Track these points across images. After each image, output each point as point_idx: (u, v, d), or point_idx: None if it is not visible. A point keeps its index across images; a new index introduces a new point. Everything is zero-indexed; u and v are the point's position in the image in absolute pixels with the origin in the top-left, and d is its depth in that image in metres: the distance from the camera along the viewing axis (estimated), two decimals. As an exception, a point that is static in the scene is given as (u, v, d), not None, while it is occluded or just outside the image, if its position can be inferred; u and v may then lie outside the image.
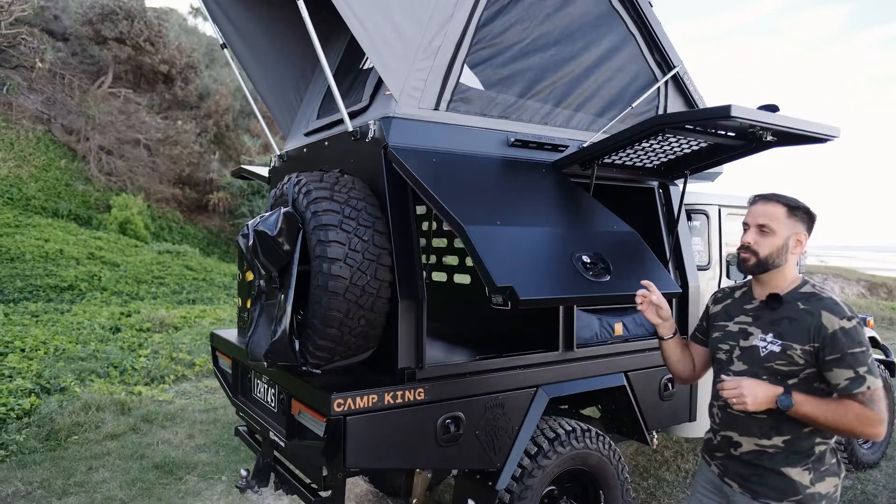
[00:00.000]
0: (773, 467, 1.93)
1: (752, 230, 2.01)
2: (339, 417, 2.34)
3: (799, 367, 1.89)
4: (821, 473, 1.92)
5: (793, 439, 1.91)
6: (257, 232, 2.55)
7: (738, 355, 2.02)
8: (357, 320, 2.48)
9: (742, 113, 2.32)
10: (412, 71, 2.77)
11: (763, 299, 2.03)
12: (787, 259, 1.99)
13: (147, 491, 4.21)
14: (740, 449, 1.99)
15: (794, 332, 1.91)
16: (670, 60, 3.63)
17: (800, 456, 1.92)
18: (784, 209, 1.98)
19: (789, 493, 1.91)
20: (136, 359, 7.47)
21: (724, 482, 2.07)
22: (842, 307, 1.89)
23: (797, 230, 1.99)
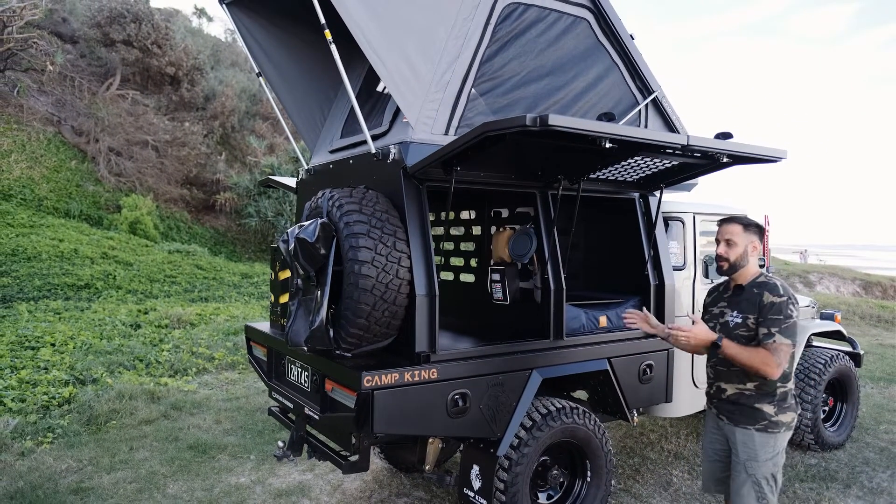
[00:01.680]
0: (749, 404, 2.81)
1: (722, 244, 2.92)
2: (368, 392, 2.85)
3: (753, 331, 2.78)
4: (783, 408, 2.79)
5: (760, 384, 2.79)
6: (298, 239, 3.06)
7: (719, 328, 2.90)
8: (381, 312, 2.99)
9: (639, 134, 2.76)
10: (426, 102, 3.28)
11: (733, 289, 2.94)
12: (748, 261, 2.89)
13: (185, 467, 4.72)
14: (727, 393, 2.89)
15: (748, 308, 2.81)
16: (650, 86, 4.13)
17: (767, 396, 2.78)
18: (741, 227, 2.89)
19: (760, 420, 2.78)
20: (159, 353, 7.97)
21: (719, 418, 2.95)
22: (779, 289, 2.76)
23: (752, 240, 2.89)
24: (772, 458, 2.77)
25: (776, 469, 2.79)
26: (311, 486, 4.42)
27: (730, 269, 2.90)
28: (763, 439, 2.77)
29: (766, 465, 2.77)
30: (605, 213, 4.39)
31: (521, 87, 3.62)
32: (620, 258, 4.26)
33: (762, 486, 2.77)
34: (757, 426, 2.78)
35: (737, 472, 2.84)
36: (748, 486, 2.78)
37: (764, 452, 2.77)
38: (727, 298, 2.96)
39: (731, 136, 3.13)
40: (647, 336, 4.00)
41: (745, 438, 2.80)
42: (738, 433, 2.83)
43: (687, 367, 4.38)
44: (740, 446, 2.82)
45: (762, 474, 2.77)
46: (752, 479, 2.78)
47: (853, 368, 5.34)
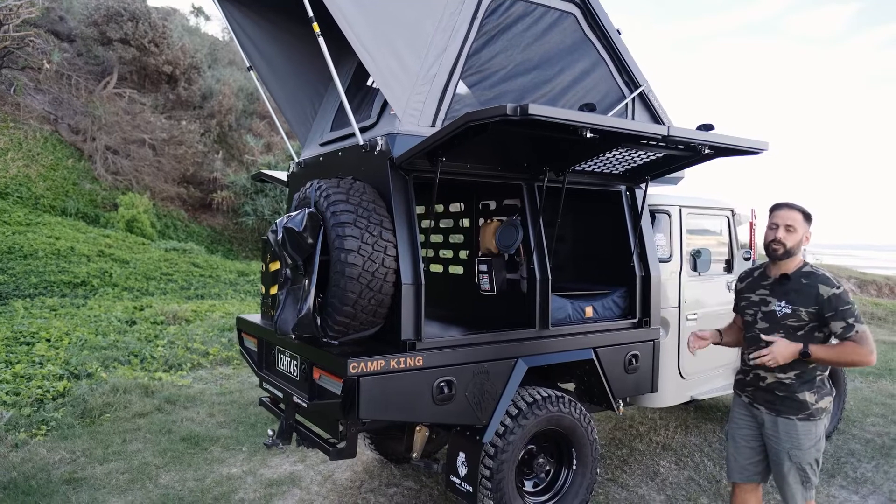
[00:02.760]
0: (789, 393, 2.83)
1: (781, 229, 2.86)
2: (354, 378, 2.90)
3: (804, 322, 2.80)
4: (821, 395, 2.83)
5: (802, 373, 2.82)
6: (286, 228, 3.11)
7: (761, 317, 2.93)
8: (368, 300, 3.04)
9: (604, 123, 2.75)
10: (413, 94, 3.32)
11: (776, 277, 2.93)
12: (800, 250, 2.90)
13: (177, 459, 4.76)
14: (766, 381, 2.90)
15: (799, 298, 2.81)
16: (636, 80, 4.18)
17: (808, 384, 2.81)
18: (801, 215, 2.88)
19: (802, 409, 2.81)
20: (154, 348, 8.01)
21: (754, 407, 2.98)
22: (831, 280, 2.80)
23: (808, 231, 2.91)
24: (815, 444, 2.82)
25: (819, 454, 2.85)
26: (302, 476, 4.46)
27: (784, 255, 2.86)
28: (806, 428, 2.81)
29: (810, 451, 2.82)
30: (592, 206, 4.45)
31: (508, 80, 3.66)
32: (607, 250, 4.31)
33: (807, 471, 2.83)
34: (800, 416, 2.81)
35: (780, 460, 2.87)
36: (794, 473, 2.83)
37: (807, 440, 2.81)
38: (769, 286, 2.95)
39: (713, 128, 3.18)
40: (634, 326, 4.06)
41: (789, 428, 2.83)
42: (781, 423, 2.85)
43: (673, 358, 4.44)
44: (783, 435, 2.85)
45: (807, 461, 2.82)
46: (796, 465, 2.82)
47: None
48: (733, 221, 4.99)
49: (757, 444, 3.00)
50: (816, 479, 2.87)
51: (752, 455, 3.02)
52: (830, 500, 4.15)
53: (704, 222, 4.90)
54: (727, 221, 4.97)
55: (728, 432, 3.15)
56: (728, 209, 4.94)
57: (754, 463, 3.02)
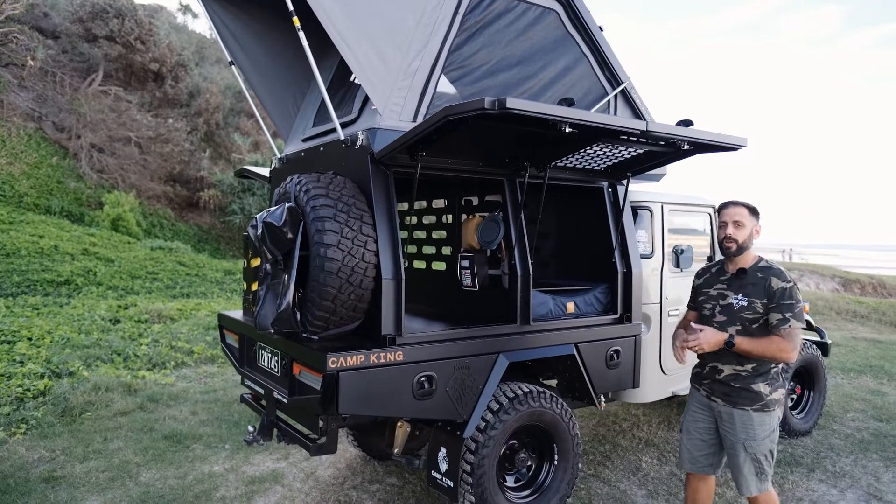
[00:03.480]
0: (745, 385, 2.91)
1: (730, 226, 2.97)
2: (333, 373, 2.89)
3: (759, 314, 2.88)
4: (775, 387, 2.92)
5: (757, 365, 2.90)
6: (266, 223, 3.09)
7: (719, 310, 3.01)
8: (348, 295, 3.03)
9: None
10: (394, 89, 3.32)
11: (734, 272, 3.02)
12: (751, 244, 2.99)
13: (159, 457, 4.73)
14: (723, 374, 2.98)
15: (755, 292, 2.90)
16: (618, 77, 4.20)
17: (762, 376, 2.90)
18: (747, 210, 2.98)
19: (757, 400, 2.90)
20: (138, 347, 7.95)
21: (711, 400, 3.04)
22: (784, 274, 2.88)
23: (756, 224, 3.00)
24: (769, 435, 2.91)
25: (773, 445, 2.92)
26: (285, 473, 4.44)
27: (737, 251, 2.97)
28: (760, 418, 2.89)
29: (765, 442, 2.90)
30: (574, 202, 4.46)
31: (489, 76, 3.67)
32: (589, 246, 4.33)
33: (761, 462, 2.91)
34: (754, 407, 2.89)
35: (736, 451, 2.95)
36: (749, 463, 2.91)
37: (762, 430, 2.89)
38: (726, 281, 3.04)
39: (692, 124, 3.20)
40: (616, 322, 4.08)
41: (744, 419, 2.91)
42: (737, 414, 2.93)
43: (654, 354, 4.46)
44: (738, 426, 2.92)
45: (761, 451, 2.90)
46: (751, 456, 2.90)
47: (820, 357, 5.45)
48: (715, 218, 5.02)
49: (710, 437, 3.08)
50: (771, 471, 2.95)
51: (704, 447, 3.11)
52: (810, 493, 4.19)
53: (686, 219, 4.93)
54: (709, 218, 5.00)
55: (683, 424, 3.24)
56: (710, 206, 4.97)
57: (707, 455, 3.11)
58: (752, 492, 2.95)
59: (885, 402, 6.39)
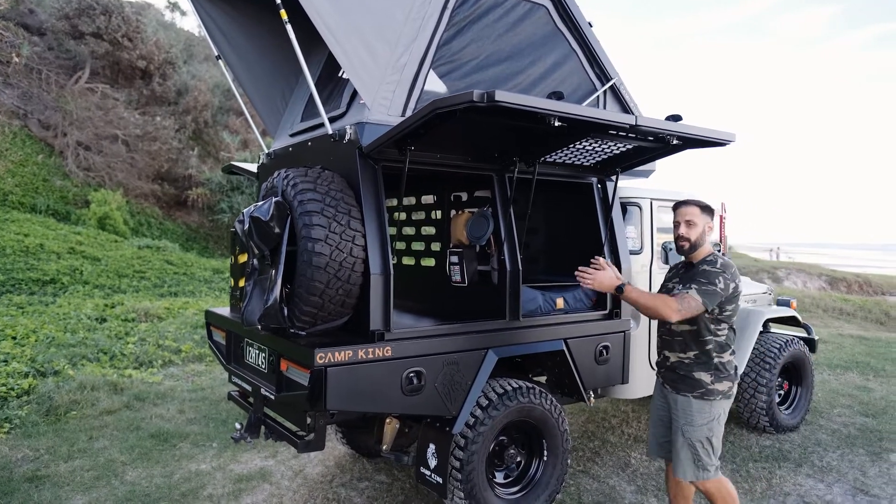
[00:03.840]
0: (688, 372, 3.04)
1: (682, 225, 3.08)
2: (321, 368, 2.86)
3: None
4: (719, 378, 3.01)
5: (699, 354, 3.02)
6: (252, 218, 3.06)
7: None
8: (336, 290, 3.01)
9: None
10: (382, 84, 3.30)
11: (685, 266, 3.18)
12: (705, 240, 3.10)
13: (145, 455, 4.68)
14: (670, 361, 3.13)
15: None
16: (608, 73, 4.20)
17: (704, 365, 3.01)
18: (698, 208, 3.08)
19: (697, 388, 3.01)
20: (125, 345, 7.86)
21: (664, 386, 3.19)
22: (717, 263, 2.99)
23: (707, 220, 3.10)
24: (707, 423, 2.99)
25: (711, 434, 3.00)
26: (273, 471, 4.41)
27: (690, 249, 3.09)
28: (699, 405, 3.00)
29: (702, 429, 2.99)
30: (563, 198, 4.46)
31: (479, 70, 3.65)
32: (579, 242, 4.32)
33: (697, 449, 3.00)
34: (694, 393, 3.02)
35: (676, 437, 3.08)
36: (686, 449, 3.03)
37: (700, 418, 3.00)
38: (680, 274, 3.19)
39: (681, 119, 3.20)
40: (605, 318, 4.08)
41: (684, 405, 3.04)
42: (679, 400, 3.07)
43: (644, 349, 4.47)
44: (679, 412, 3.06)
45: (697, 438, 3.00)
46: (688, 442, 3.02)
47: (808, 353, 5.49)
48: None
49: (669, 423, 3.20)
50: (711, 461, 3.01)
51: (667, 434, 3.22)
52: (797, 488, 4.22)
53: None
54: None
55: (651, 411, 3.37)
56: (698, 203, 4.98)
57: (669, 441, 3.20)
58: (688, 477, 3.04)
59: (871, 397, 6.44)
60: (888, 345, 9.76)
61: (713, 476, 3.03)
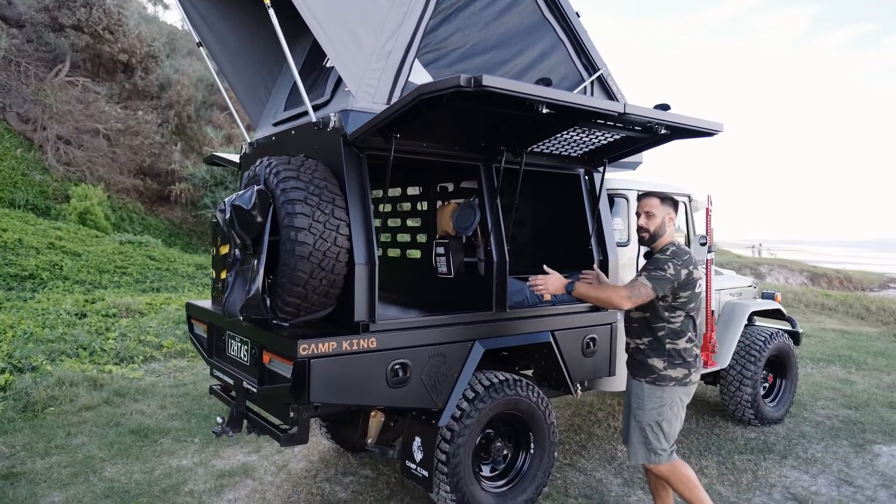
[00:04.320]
0: (642, 358, 3.12)
1: (642, 216, 3.17)
2: (304, 360, 2.80)
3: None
4: (673, 364, 3.05)
5: (652, 340, 3.09)
6: (234, 206, 2.99)
7: None
8: (319, 280, 2.95)
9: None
10: (367, 71, 3.24)
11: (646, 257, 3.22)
12: (665, 231, 3.14)
13: (125, 451, 4.59)
14: (630, 347, 3.21)
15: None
16: (595, 63, 4.17)
17: (657, 351, 3.08)
18: (658, 200, 3.16)
19: (649, 373, 3.09)
20: (105, 341, 7.73)
21: (630, 374, 3.24)
22: (668, 250, 3.05)
23: (668, 212, 3.16)
24: (657, 407, 3.06)
25: (661, 419, 3.06)
26: (256, 466, 4.34)
27: (650, 239, 3.17)
28: (651, 390, 3.08)
29: (651, 413, 3.06)
30: (551, 189, 4.42)
31: (465, 59, 3.60)
32: (566, 234, 4.29)
33: (646, 432, 3.08)
34: (647, 378, 3.10)
35: (628, 420, 3.19)
36: (637, 432, 3.12)
37: (650, 402, 3.07)
38: (644, 266, 3.19)
39: (669, 108, 3.18)
40: (592, 310, 4.06)
41: (637, 389, 3.14)
42: (634, 384, 3.17)
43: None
44: (633, 396, 3.16)
45: (647, 422, 3.07)
46: (638, 425, 3.10)
47: (792, 346, 5.51)
48: (690, 207, 5.03)
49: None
50: (661, 446, 3.07)
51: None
52: (783, 479, 4.23)
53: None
54: (684, 207, 5.00)
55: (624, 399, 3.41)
56: (685, 195, 4.98)
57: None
58: (639, 460, 3.12)
59: (854, 390, 6.50)
60: (869, 339, 9.88)
61: (665, 461, 3.09)
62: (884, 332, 10.71)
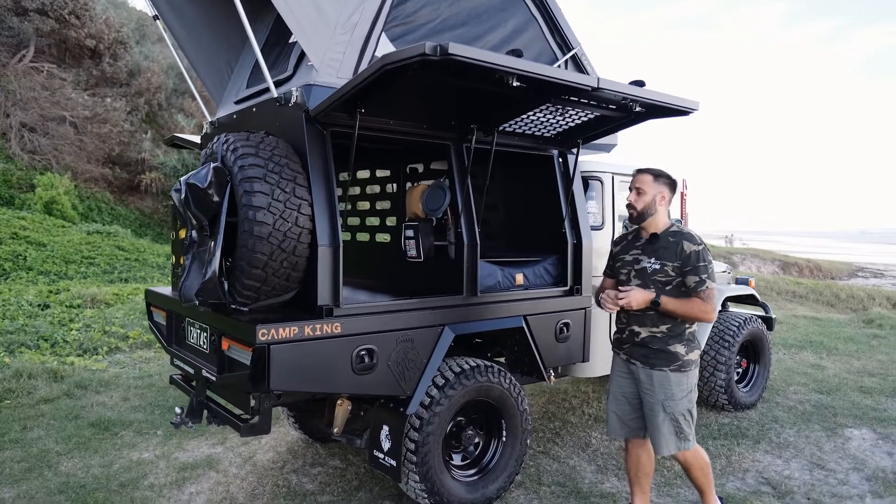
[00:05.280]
0: (661, 346, 2.96)
1: (633, 192, 3.05)
2: (264, 346, 2.67)
3: (671, 277, 2.94)
4: (691, 348, 2.99)
5: (672, 326, 2.96)
6: (189, 184, 2.83)
7: (634, 275, 3.06)
8: (280, 262, 2.81)
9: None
10: (331, 44, 3.09)
11: (647, 238, 3.07)
12: (657, 210, 3.01)
13: (83, 445, 4.40)
14: (640, 336, 3.02)
15: (666, 255, 2.96)
16: (569, 42, 4.07)
17: (678, 337, 2.96)
18: (651, 177, 3.03)
19: (673, 361, 2.95)
20: (68, 332, 7.48)
21: (631, 363, 3.08)
22: (695, 237, 2.95)
23: (660, 190, 3.02)
24: (686, 395, 2.97)
25: (691, 405, 2.98)
26: (220, 458, 4.20)
27: (638, 217, 3.04)
28: (677, 378, 2.95)
29: (682, 402, 2.95)
30: (524, 172, 4.32)
31: (434, 34, 3.47)
32: (540, 217, 4.20)
33: (680, 421, 2.96)
34: (671, 367, 2.95)
35: (654, 412, 2.98)
36: (668, 423, 2.96)
37: (679, 391, 2.95)
38: (641, 246, 3.09)
39: (644, 84, 3.09)
40: (566, 294, 3.97)
41: (662, 379, 2.95)
42: (655, 375, 2.97)
43: (605, 327, 4.38)
44: (657, 387, 2.97)
45: (679, 411, 2.95)
46: (670, 416, 2.95)
47: (765, 331, 5.51)
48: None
49: (636, 401, 3.11)
50: (691, 431, 3.00)
51: (632, 411, 3.14)
52: (756, 464, 4.20)
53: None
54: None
55: (609, 391, 3.25)
56: (660, 179, 4.91)
57: (636, 418, 3.13)
58: (671, 451, 2.99)
59: (825, 375, 6.54)
60: (839, 325, 10.00)
61: (692, 445, 3.02)
62: (853, 318, 10.85)
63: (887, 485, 3.90)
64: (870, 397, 5.73)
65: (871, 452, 4.44)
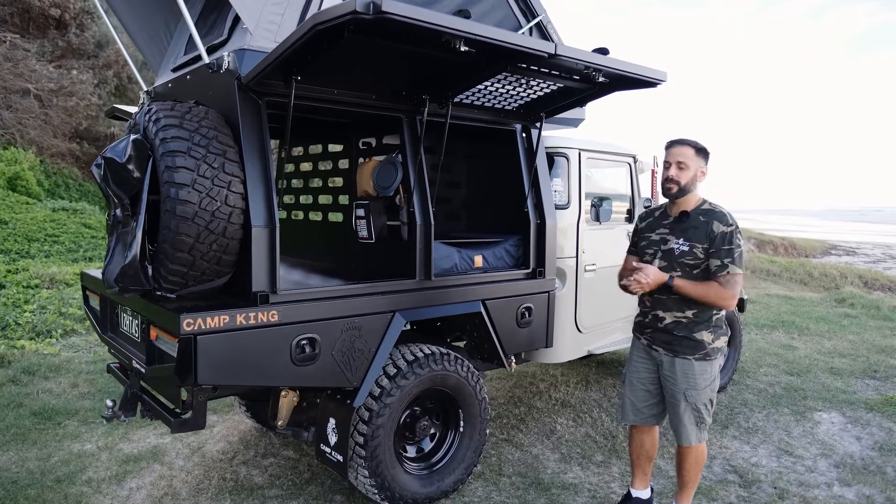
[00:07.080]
0: (687, 333, 2.80)
1: (673, 167, 2.79)
2: (190, 336, 2.44)
3: (701, 259, 2.75)
4: (717, 335, 2.83)
5: (698, 312, 2.78)
6: (106, 159, 2.57)
7: (661, 255, 2.87)
8: (208, 245, 2.57)
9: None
10: (268, 4, 2.82)
11: (676, 216, 2.86)
12: (696, 186, 2.82)
13: (21, 436, 4.16)
14: (665, 322, 2.85)
15: (696, 235, 2.77)
16: (534, 8, 3.81)
17: (705, 323, 2.79)
18: (693, 150, 2.80)
19: (699, 349, 2.79)
20: (21, 314, 7.16)
21: (653, 349, 2.93)
22: (727, 217, 2.75)
23: (701, 165, 2.82)
24: (710, 384, 2.84)
25: (713, 394, 2.88)
26: (167, 449, 3.98)
27: (679, 193, 2.82)
28: (702, 367, 2.81)
29: (706, 391, 2.83)
30: (485, 148, 4.10)
31: (386, -2, 3.20)
32: (501, 196, 3.98)
33: (701, 411, 2.85)
34: (696, 355, 2.80)
35: (677, 401, 2.86)
36: (689, 413, 2.85)
37: (702, 380, 2.82)
38: (669, 225, 2.89)
39: (608, 52, 2.86)
40: (528, 277, 3.78)
41: (686, 368, 2.82)
42: (678, 363, 2.83)
43: (570, 311, 4.21)
44: (679, 375, 2.83)
45: (702, 401, 2.84)
46: (692, 405, 2.84)
47: (737, 313, 5.38)
48: (635, 168, 4.77)
49: (654, 387, 2.99)
50: (710, 420, 2.91)
51: (649, 398, 3.01)
52: (723, 451, 4.09)
53: (605, 168, 4.65)
54: (629, 168, 4.74)
55: (626, 376, 3.13)
56: (630, 155, 4.71)
57: (650, 405, 3.02)
58: (691, 441, 2.89)
59: (796, 356, 6.47)
60: (811, 304, 9.98)
61: (706, 437, 2.94)
62: (825, 297, 10.85)
63: (855, 472, 3.81)
64: (840, 379, 5.66)
65: (839, 437, 4.35)
